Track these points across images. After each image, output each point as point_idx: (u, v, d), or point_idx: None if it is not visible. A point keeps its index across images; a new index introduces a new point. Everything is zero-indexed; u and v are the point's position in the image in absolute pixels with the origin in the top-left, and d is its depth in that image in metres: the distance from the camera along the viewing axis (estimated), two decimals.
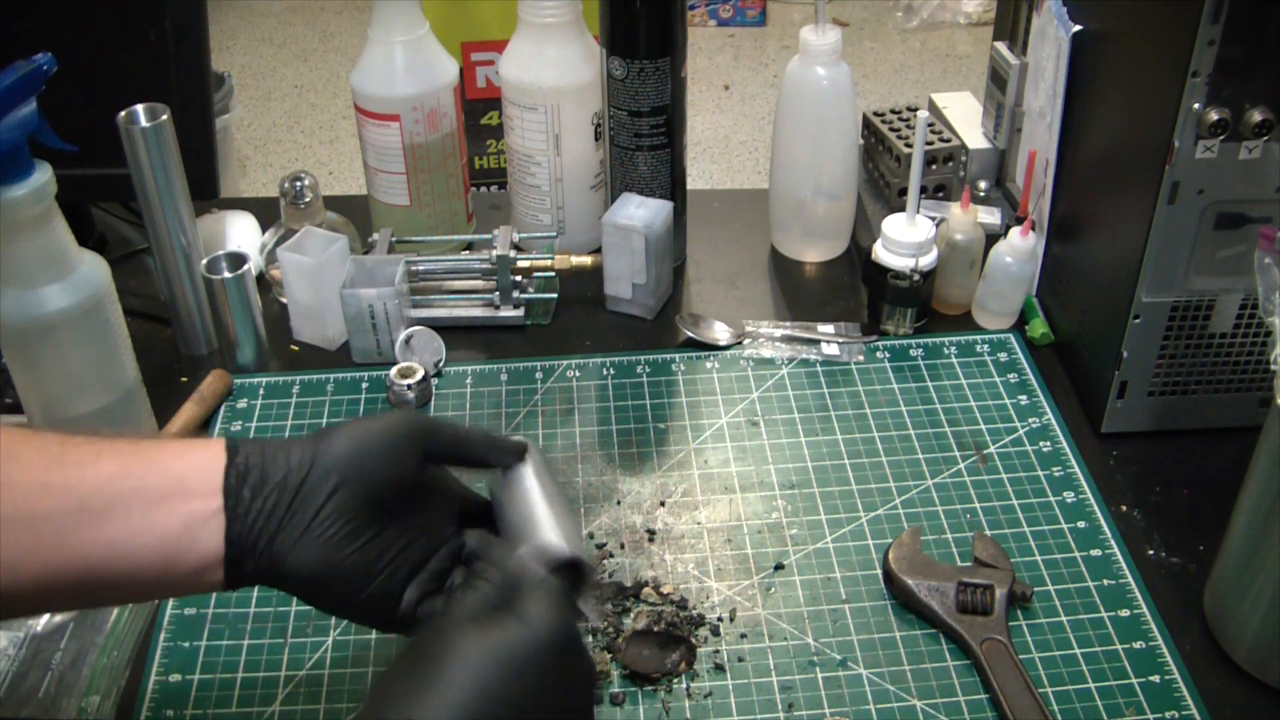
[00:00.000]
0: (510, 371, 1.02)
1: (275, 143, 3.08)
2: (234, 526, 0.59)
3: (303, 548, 0.60)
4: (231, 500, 0.60)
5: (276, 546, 0.60)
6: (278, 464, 0.61)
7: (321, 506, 0.60)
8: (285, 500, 0.60)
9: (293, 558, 0.60)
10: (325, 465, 0.61)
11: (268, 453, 0.61)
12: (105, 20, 1.02)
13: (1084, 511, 0.88)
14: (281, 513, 0.60)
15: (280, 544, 0.60)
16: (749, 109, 3.21)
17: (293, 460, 0.61)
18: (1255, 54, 0.77)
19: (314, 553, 0.60)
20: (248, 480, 0.60)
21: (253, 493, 0.60)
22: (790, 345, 1.04)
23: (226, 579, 0.60)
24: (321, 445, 0.62)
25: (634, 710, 0.75)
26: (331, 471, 0.61)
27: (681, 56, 1.05)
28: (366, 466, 0.61)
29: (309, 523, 0.60)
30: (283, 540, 0.60)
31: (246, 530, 0.60)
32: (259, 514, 0.60)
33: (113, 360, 0.90)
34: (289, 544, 0.60)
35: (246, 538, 0.60)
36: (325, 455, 0.61)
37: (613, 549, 0.86)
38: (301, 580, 0.61)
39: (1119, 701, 0.75)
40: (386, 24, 1.05)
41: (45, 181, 0.81)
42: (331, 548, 0.60)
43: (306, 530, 0.60)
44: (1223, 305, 0.88)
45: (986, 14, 3.52)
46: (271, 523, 0.60)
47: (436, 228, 1.14)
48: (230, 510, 0.59)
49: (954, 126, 1.17)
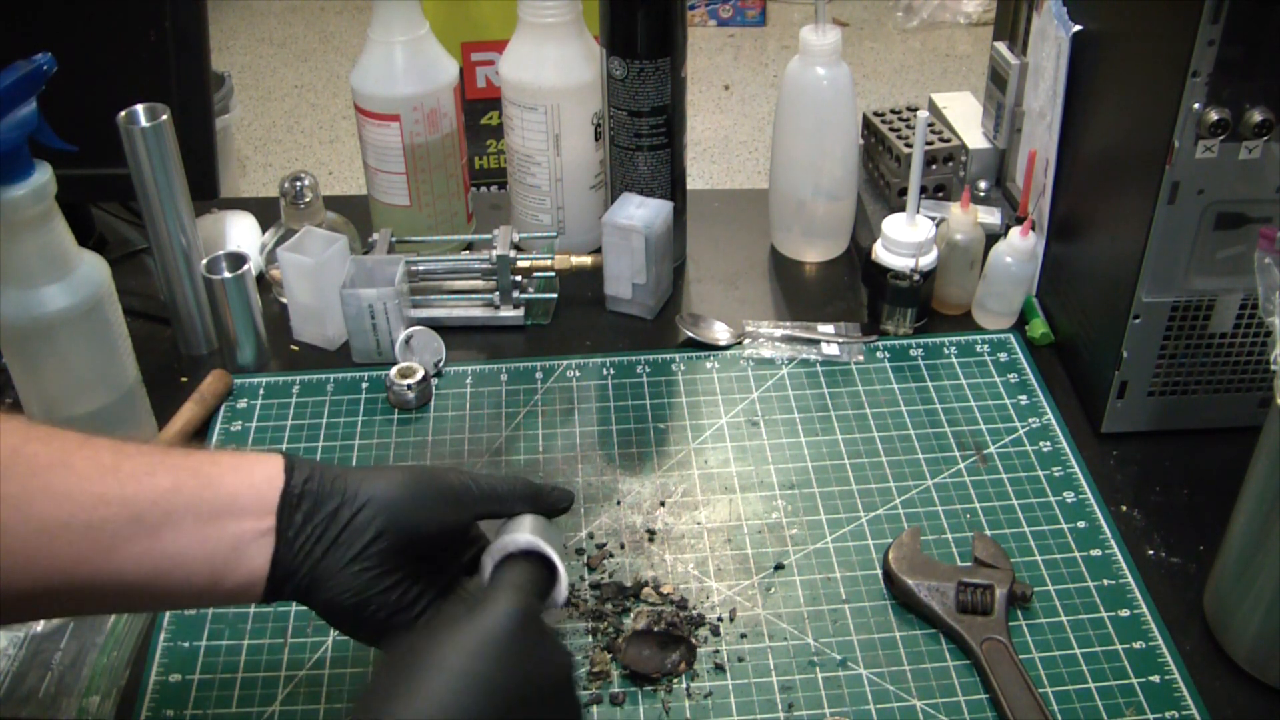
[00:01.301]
0: (510, 371, 1.02)
1: (275, 143, 3.08)
2: (281, 549, 0.62)
3: (342, 579, 0.63)
4: (283, 524, 0.62)
5: (318, 572, 0.62)
6: (333, 494, 0.63)
7: (367, 546, 0.63)
8: (334, 532, 0.63)
9: (331, 586, 0.63)
10: (376, 507, 0.64)
11: (324, 479, 0.64)
12: (105, 20, 1.02)
13: (1084, 511, 0.88)
14: (328, 543, 0.63)
15: (321, 571, 0.62)
16: (749, 109, 3.21)
17: (348, 493, 0.64)
18: (1255, 54, 0.77)
19: (351, 584, 0.63)
20: (301, 506, 0.63)
21: (304, 519, 0.62)
22: (790, 345, 1.04)
23: (266, 596, 0.63)
24: (378, 484, 0.64)
25: (634, 710, 0.75)
26: (380, 514, 0.63)
27: (681, 56, 1.05)
28: (414, 518, 0.64)
29: (353, 557, 0.63)
30: (324, 568, 0.62)
31: (293, 554, 0.62)
32: (307, 539, 0.62)
33: (113, 360, 0.90)
34: (329, 573, 0.62)
35: (292, 561, 0.62)
36: (379, 497, 0.64)
37: (613, 549, 0.86)
38: (334, 607, 0.63)
39: (1119, 701, 0.75)
40: (386, 24, 1.05)
41: (45, 181, 0.81)
42: (367, 583, 0.63)
43: (348, 564, 0.63)
44: (1223, 305, 0.88)
45: (986, 14, 3.52)
46: (317, 550, 0.62)
47: (436, 228, 1.14)
48: (280, 533, 0.62)
49: (954, 126, 1.17)
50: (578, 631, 0.79)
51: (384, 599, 0.64)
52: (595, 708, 0.75)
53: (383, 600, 0.64)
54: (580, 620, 0.80)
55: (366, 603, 0.63)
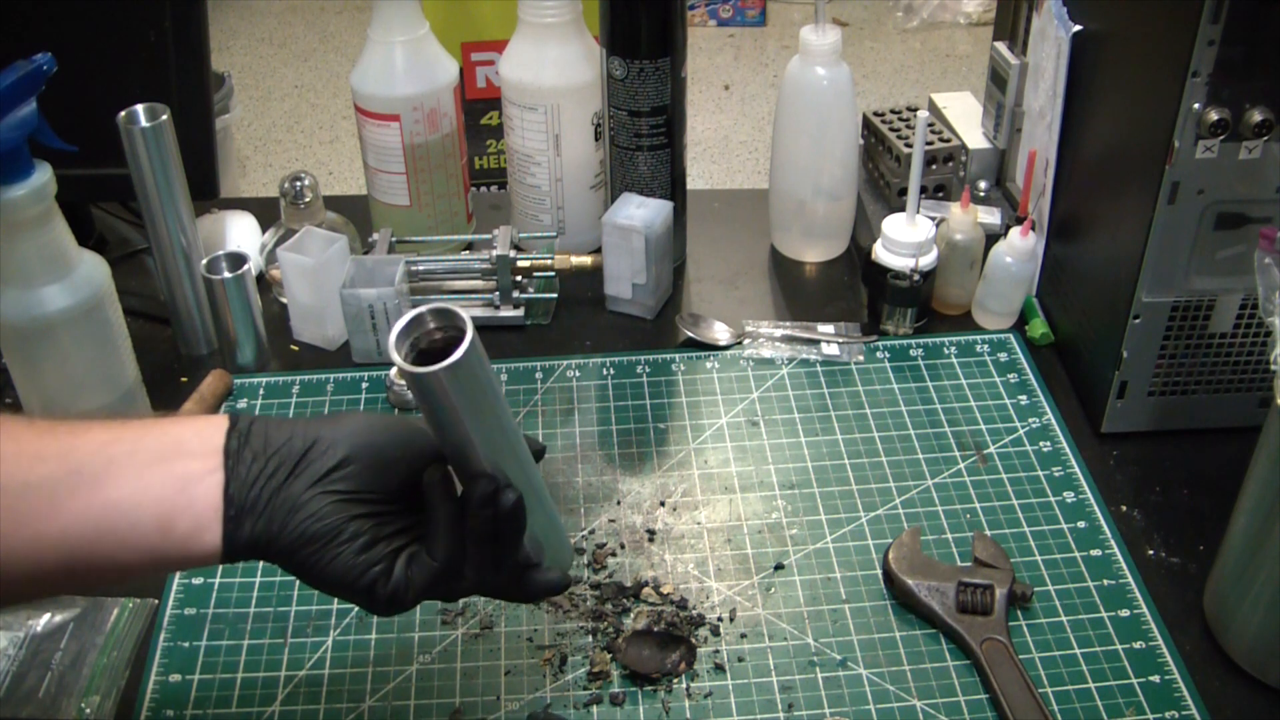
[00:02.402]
0: (510, 371, 1.02)
1: (275, 143, 3.08)
2: (232, 484, 0.59)
3: (310, 503, 0.59)
4: (231, 460, 0.59)
5: (280, 502, 0.59)
6: (281, 432, 0.61)
7: (331, 471, 0.60)
8: (289, 464, 0.60)
9: (298, 514, 0.59)
10: (335, 437, 0.61)
11: (271, 424, 0.61)
12: (105, 20, 1.02)
13: (1084, 511, 0.88)
14: (285, 475, 0.60)
15: (283, 500, 0.59)
16: (749, 109, 3.21)
17: (298, 430, 0.61)
18: (1255, 54, 0.77)
19: (320, 507, 0.59)
20: (249, 443, 0.60)
21: (254, 455, 0.60)
22: (790, 345, 1.04)
23: (225, 543, 0.59)
24: (331, 422, 0.62)
25: (634, 710, 0.75)
26: (341, 443, 0.61)
27: (681, 56, 1.05)
28: (378, 443, 0.61)
29: (317, 481, 0.59)
30: (287, 497, 0.59)
31: (247, 489, 0.59)
32: (260, 474, 0.59)
33: (113, 360, 0.90)
34: (293, 500, 0.59)
35: (247, 496, 0.59)
36: (336, 430, 0.61)
37: (613, 549, 0.86)
38: (305, 537, 0.59)
39: (1119, 701, 0.75)
40: (386, 24, 1.05)
41: (45, 181, 0.81)
42: (337, 506, 0.59)
43: (313, 488, 0.59)
44: (1223, 305, 0.88)
45: (986, 14, 3.52)
46: (274, 482, 0.59)
47: (436, 228, 1.14)
48: (230, 470, 0.59)
49: (954, 126, 1.17)
50: (578, 631, 0.80)
51: (358, 526, 0.60)
52: (595, 708, 0.75)
53: (357, 527, 0.60)
54: (580, 620, 0.80)
55: (337, 529, 0.59)
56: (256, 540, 0.59)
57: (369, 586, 0.61)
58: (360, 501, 0.60)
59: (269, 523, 0.59)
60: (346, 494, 0.60)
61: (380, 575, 0.61)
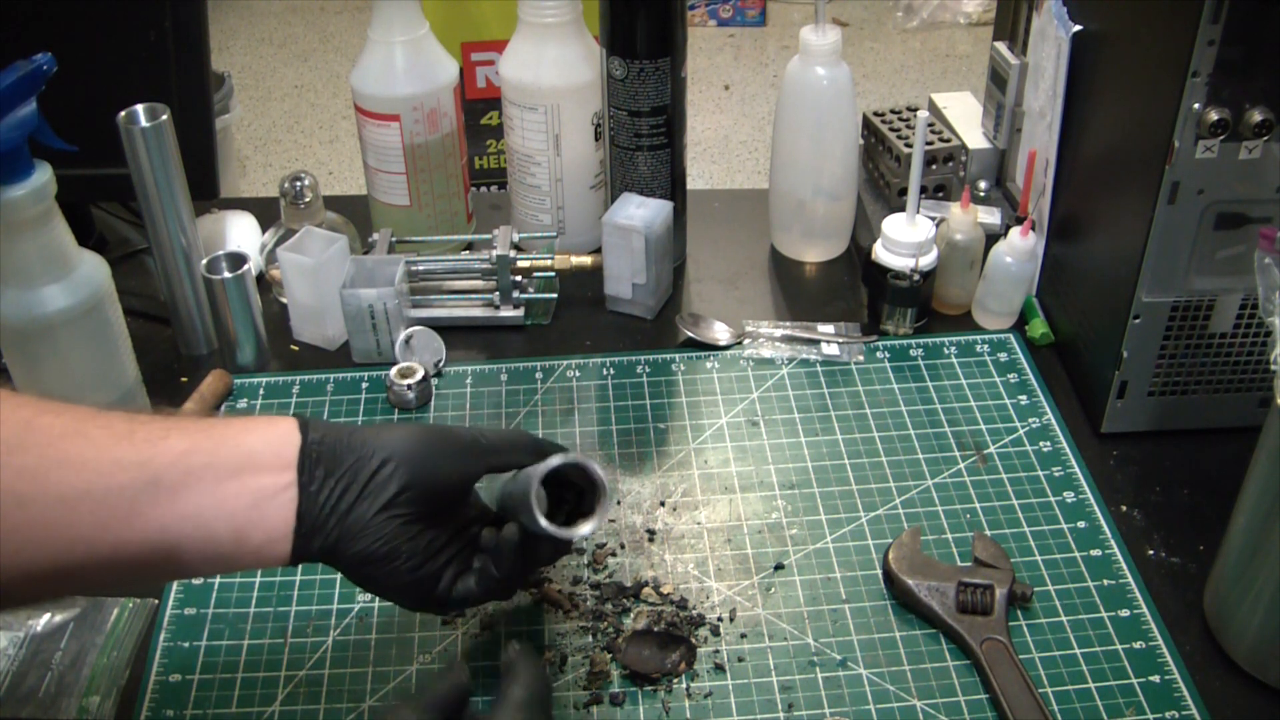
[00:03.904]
0: (510, 371, 1.02)
1: (275, 143, 3.08)
2: (305, 503, 0.63)
3: (373, 529, 0.64)
4: (305, 477, 0.63)
5: (347, 524, 0.64)
6: (351, 449, 0.65)
7: (394, 497, 0.65)
8: (359, 485, 0.64)
9: (362, 536, 0.64)
10: (399, 460, 0.66)
11: (340, 437, 0.65)
12: (105, 20, 1.02)
13: (1084, 511, 0.88)
14: (354, 496, 0.64)
15: (351, 523, 0.64)
16: (749, 109, 3.21)
17: (365, 448, 0.65)
18: (1255, 54, 0.77)
19: (381, 533, 0.64)
20: (321, 461, 0.64)
21: (325, 473, 0.64)
22: (790, 345, 1.04)
23: (293, 555, 0.63)
24: (394, 439, 0.67)
25: (634, 710, 0.75)
26: (403, 466, 0.65)
27: (681, 56, 1.05)
28: (434, 469, 0.67)
29: (381, 507, 0.64)
30: (354, 519, 0.64)
31: (318, 508, 0.63)
32: (331, 493, 0.63)
33: (113, 360, 0.90)
34: (359, 524, 0.64)
35: (318, 515, 0.63)
36: (399, 451, 0.66)
37: (613, 549, 0.86)
38: (366, 558, 0.65)
39: (1119, 701, 0.75)
40: (386, 24, 1.05)
41: (45, 181, 0.81)
42: (396, 531, 0.65)
43: (378, 514, 0.64)
44: (1223, 305, 0.88)
45: (986, 14, 3.52)
46: (343, 503, 0.64)
47: (436, 228, 1.14)
48: (303, 487, 0.63)
49: (954, 126, 1.17)
50: (578, 631, 0.80)
51: (413, 546, 0.66)
52: (595, 708, 0.75)
53: (412, 548, 0.66)
54: (580, 620, 0.80)
55: (397, 550, 0.65)
56: (323, 554, 0.64)
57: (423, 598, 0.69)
58: (418, 521, 0.66)
59: (337, 540, 0.64)
60: (407, 515, 0.66)
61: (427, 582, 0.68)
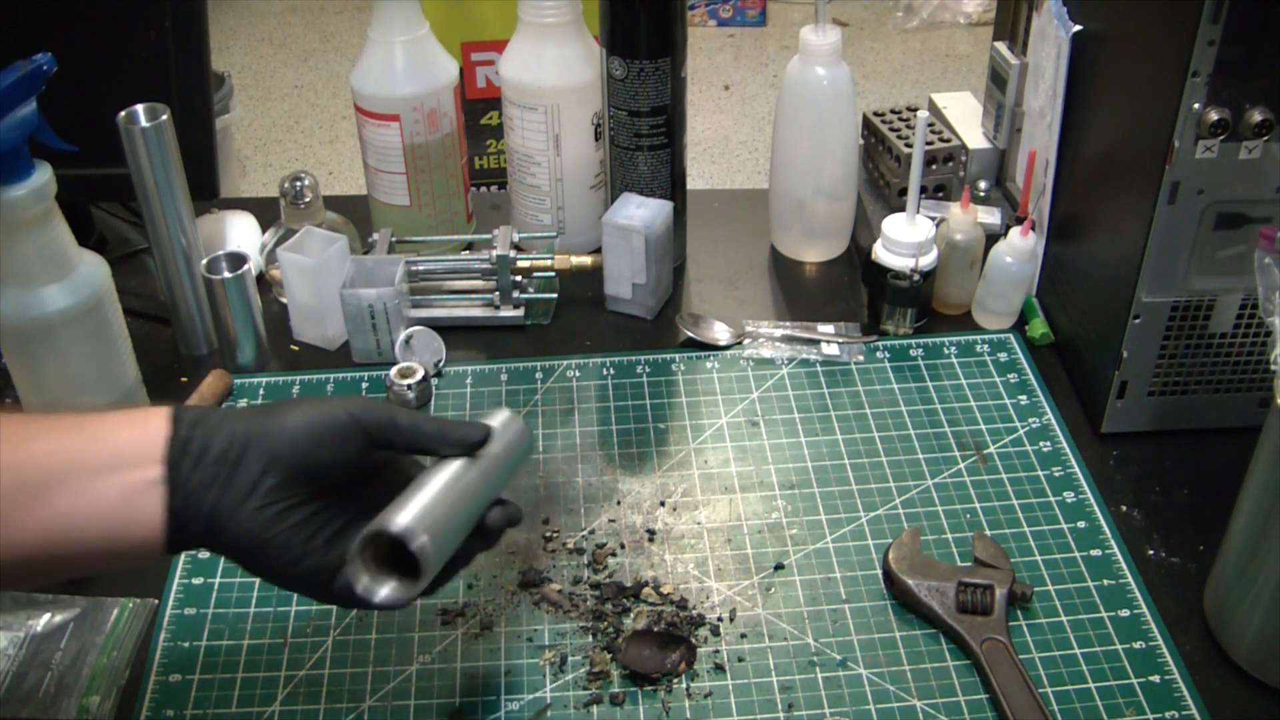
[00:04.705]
0: (510, 371, 1.02)
1: (275, 143, 3.08)
2: (176, 497, 0.61)
3: (237, 521, 0.62)
4: (174, 471, 0.61)
5: (216, 516, 0.61)
6: (220, 436, 0.62)
7: (256, 483, 0.62)
8: (224, 474, 0.61)
9: (228, 530, 0.62)
10: (264, 444, 0.62)
11: (211, 423, 0.62)
12: (105, 20, 1.02)
13: (1084, 511, 0.88)
14: (220, 485, 0.61)
15: (218, 515, 0.61)
16: (749, 109, 3.21)
17: (235, 433, 0.62)
18: (1255, 54, 0.77)
19: (247, 526, 0.62)
20: (189, 451, 0.61)
21: (194, 464, 0.61)
22: (790, 345, 1.04)
23: (168, 548, 0.62)
24: (265, 422, 0.63)
25: (634, 710, 0.75)
26: (268, 451, 0.62)
27: (681, 56, 1.05)
28: (304, 449, 0.63)
29: (244, 498, 0.62)
30: (220, 512, 0.61)
31: (187, 500, 0.61)
32: (199, 484, 0.61)
33: (113, 360, 0.90)
34: (227, 515, 0.61)
35: (187, 507, 0.61)
36: (266, 434, 0.63)
37: (613, 549, 0.86)
38: (236, 550, 0.63)
39: (1119, 701, 0.75)
40: (386, 24, 1.05)
41: (45, 181, 0.81)
42: (264, 524, 0.62)
43: (241, 504, 0.61)
44: (1223, 305, 0.88)
45: (986, 14, 3.52)
46: (210, 493, 0.61)
47: (436, 228, 1.14)
48: (172, 481, 0.61)
49: (954, 126, 1.17)
50: (578, 631, 0.80)
51: (287, 539, 0.62)
52: (595, 708, 0.75)
53: (286, 541, 0.62)
54: (580, 620, 0.80)
55: (270, 542, 0.62)
56: (199, 544, 0.63)
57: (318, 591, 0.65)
58: (290, 510, 0.63)
59: (210, 532, 0.62)
60: (281, 506, 0.62)
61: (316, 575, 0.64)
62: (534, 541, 0.86)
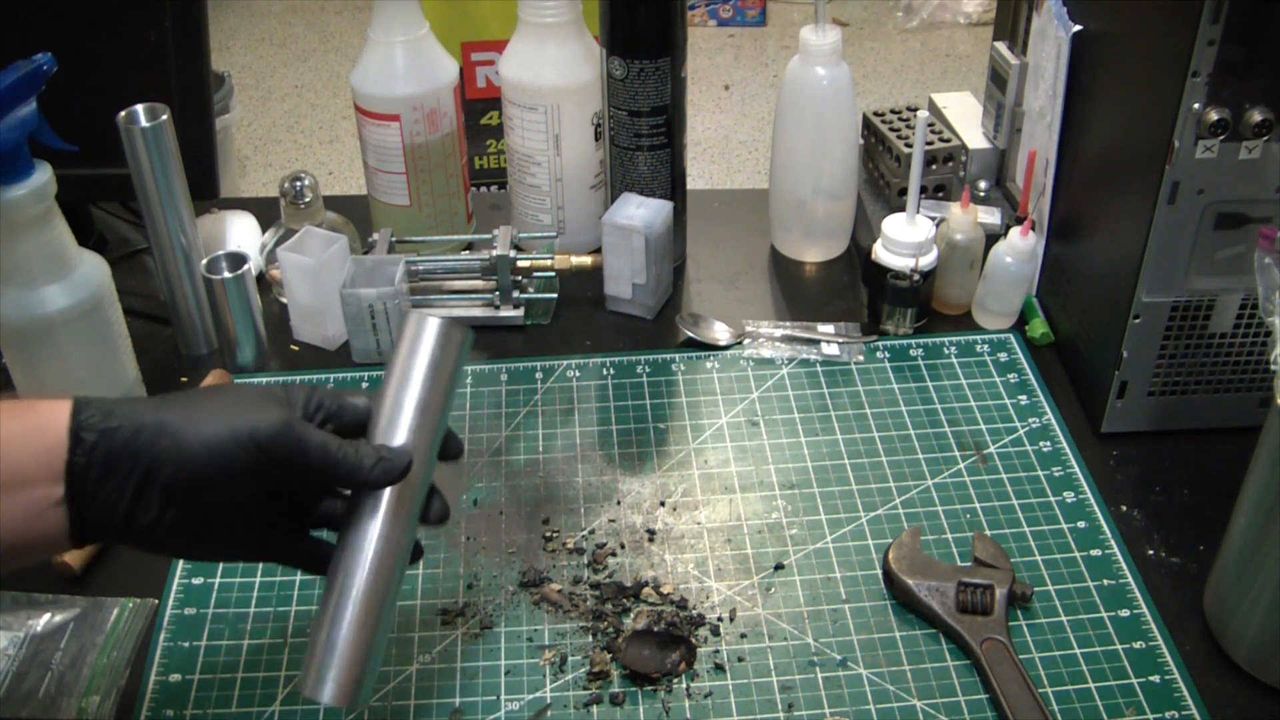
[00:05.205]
0: (510, 371, 1.02)
1: (275, 143, 3.08)
2: (77, 514, 0.61)
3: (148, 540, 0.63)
4: (75, 490, 0.61)
5: (129, 530, 0.62)
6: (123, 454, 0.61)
7: (159, 518, 0.62)
8: (125, 503, 0.61)
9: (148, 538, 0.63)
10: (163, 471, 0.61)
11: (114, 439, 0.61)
12: (105, 20, 1.02)
13: (1084, 511, 0.88)
14: (124, 511, 0.61)
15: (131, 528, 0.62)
16: (749, 109, 3.21)
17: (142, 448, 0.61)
18: (1255, 54, 0.77)
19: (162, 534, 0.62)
20: (90, 473, 0.61)
21: (96, 483, 0.61)
22: (790, 345, 1.04)
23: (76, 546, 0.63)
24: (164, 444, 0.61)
25: (634, 710, 0.75)
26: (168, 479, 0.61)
27: (681, 56, 1.05)
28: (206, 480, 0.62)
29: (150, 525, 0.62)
30: (134, 526, 0.62)
31: (93, 515, 0.61)
32: (105, 502, 0.61)
33: (113, 360, 0.90)
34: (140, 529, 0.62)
35: (94, 522, 0.62)
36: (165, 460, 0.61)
37: (613, 549, 0.86)
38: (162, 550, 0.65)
39: (1119, 701, 0.75)
40: (386, 24, 1.05)
41: (45, 181, 0.81)
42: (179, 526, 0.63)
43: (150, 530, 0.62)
44: (1223, 305, 0.88)
45: (986, 14, 3.52)
46: (115, 516, 0.61)
47: (436, 228, 1.14)
48: (73, 501, 0.61)
49: (954, 126, 1.17)
50: (578, 631, 0.80)
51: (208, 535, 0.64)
52: (595, 708, 0.75)
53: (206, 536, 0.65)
54: (580, 620, 0.80)
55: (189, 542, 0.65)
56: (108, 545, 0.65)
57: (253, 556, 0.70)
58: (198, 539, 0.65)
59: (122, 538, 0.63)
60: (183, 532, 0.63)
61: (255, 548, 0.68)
62: (534, 541, 0.86)
